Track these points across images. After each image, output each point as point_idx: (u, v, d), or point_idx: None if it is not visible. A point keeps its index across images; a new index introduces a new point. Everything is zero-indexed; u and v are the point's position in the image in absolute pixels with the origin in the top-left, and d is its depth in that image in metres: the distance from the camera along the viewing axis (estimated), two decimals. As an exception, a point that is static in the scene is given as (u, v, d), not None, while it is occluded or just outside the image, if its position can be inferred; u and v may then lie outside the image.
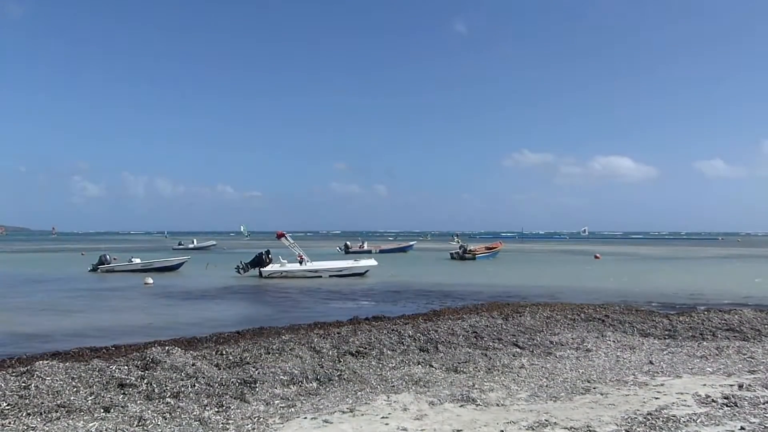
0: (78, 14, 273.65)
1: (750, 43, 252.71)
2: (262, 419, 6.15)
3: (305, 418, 6.21)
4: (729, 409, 6.36)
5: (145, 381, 7.34)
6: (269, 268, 30.15)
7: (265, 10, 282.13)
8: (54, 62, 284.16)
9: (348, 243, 63.83)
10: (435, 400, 6.87)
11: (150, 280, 27.46)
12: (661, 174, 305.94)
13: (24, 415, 6.15)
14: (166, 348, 8.95)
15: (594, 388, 7.47)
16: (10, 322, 15.56)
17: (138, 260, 35.18)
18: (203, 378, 7.57)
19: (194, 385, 7.27)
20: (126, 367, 7.94)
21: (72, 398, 6.68)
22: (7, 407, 6.33)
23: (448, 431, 5.80)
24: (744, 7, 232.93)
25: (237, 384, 7.41)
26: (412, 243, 72.91)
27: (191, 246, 75.29)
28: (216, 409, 6.43)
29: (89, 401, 6.62)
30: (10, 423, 5.90)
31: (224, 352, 9.16)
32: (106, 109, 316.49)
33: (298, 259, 30.83)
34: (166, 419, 6.08)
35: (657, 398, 6.91)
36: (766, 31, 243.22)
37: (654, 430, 5.72)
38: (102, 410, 6.35)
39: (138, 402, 6.68)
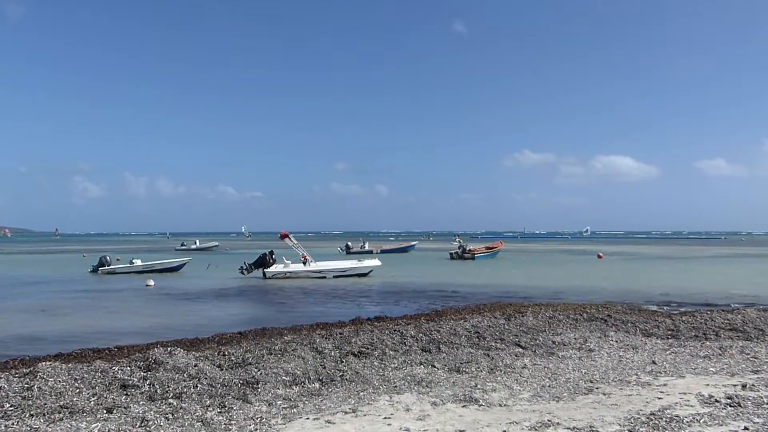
0: (78, 14, 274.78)
1: (750, 43, 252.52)
2: (264, 420, 6.15)
3: (308, 418, 6.22)
4: (732, 409, 6.35)
5: (148, 382, 7.35)
6: (273, 268, 30.15)
7: (265, 10, 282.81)
8: (54, 62, 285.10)
9: (349, 243, 63.90)
10: (437, 401, 6.87)
11: (151, 282, 27.43)
12: (663, 173, 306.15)
13: (27, 416, 6.17)
14: (169, 349, 8.97)
15: (597, 388, 7.46)
16: (12, 324, 15.57)
17: (139, 261, 35.19)
18: (206, 379, 7.58)
19: (197, 386, 7.28)
20: (128, 368, 7.96)
21: (75, 399, 6.70)
22: (10, 408, 6.35)
23: (451, 431, 5.80)
24: (744, 7, 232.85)
25: (239, 385, 7.42)
26: (413, 243, 72.89)
27: (194, 247, 75.40)
28: (218, 410, 6.44)
29: (92, 402, 6.64)
30: (13, 424, 5.91)
31: (226, 353, 9.17)
32: (106, 109, 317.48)
33: (302, 259, 30.86)
34: (168, 420, 6.08)
35: (660, 398, 6.90)
36: (767, 31, 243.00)
37: (657, 430, 5.70)
38: (105, 411, 6.36)
39: (141, 403, 6.69)
